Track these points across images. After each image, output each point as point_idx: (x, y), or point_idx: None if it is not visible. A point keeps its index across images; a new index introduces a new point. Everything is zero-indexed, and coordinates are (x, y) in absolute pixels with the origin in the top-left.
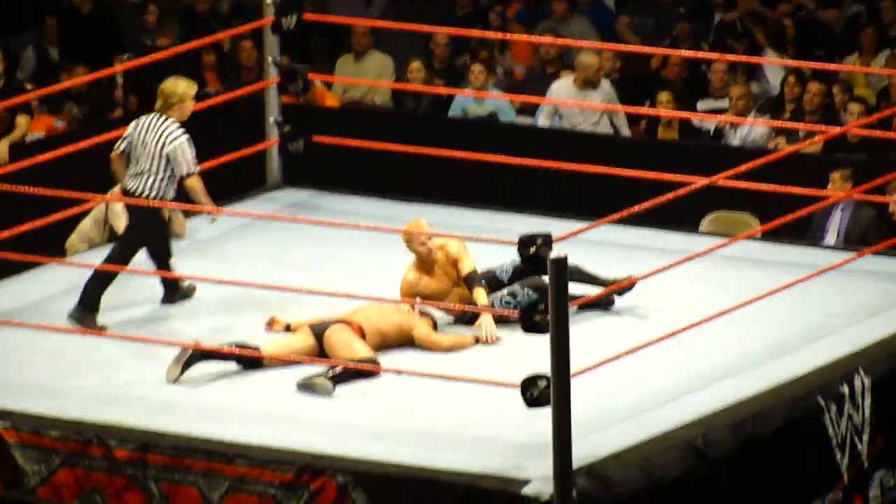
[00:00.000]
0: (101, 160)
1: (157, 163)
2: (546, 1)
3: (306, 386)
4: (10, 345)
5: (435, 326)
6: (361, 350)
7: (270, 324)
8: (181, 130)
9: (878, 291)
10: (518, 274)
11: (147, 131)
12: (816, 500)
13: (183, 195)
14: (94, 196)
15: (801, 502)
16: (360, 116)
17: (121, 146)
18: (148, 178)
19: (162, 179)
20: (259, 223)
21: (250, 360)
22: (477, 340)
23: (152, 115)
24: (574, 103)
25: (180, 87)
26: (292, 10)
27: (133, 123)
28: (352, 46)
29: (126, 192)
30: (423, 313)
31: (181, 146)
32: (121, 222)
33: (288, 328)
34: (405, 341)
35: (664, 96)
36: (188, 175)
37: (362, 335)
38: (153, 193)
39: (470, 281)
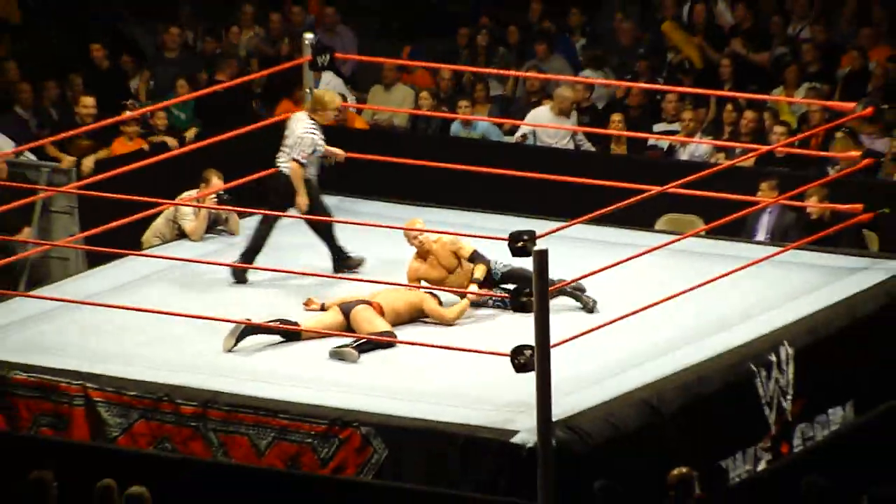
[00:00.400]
0: (165, 173)
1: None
2: (531, 42)
3: (337, 354)
4: (100, 321)
5: (440, 303)
6: (381, 325)
7: (307, 303)
8: (313, 128)
9: (799, 279)
10: (507, 276)
11: (296, 122)
12: (750, 448)
13: (233, 199)
14: (166, 201)
15: (737, 450)
16: (384, 136)
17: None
18: (286, 157)
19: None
20: (299, 222)
21: (290, 334)
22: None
23: (304, 112)
24: (551, 126)
25: (326, 97)
26: (325, 50)
27: (292, 115)
28: (382, 79)
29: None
30: (429, 293)
31: (304, 138)
32: (187, 221)
33: (322, 307)
34: (416, 317)
35: (616, 117)
36: (294, 160)
37: (381, 313)
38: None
39: (473, 259)
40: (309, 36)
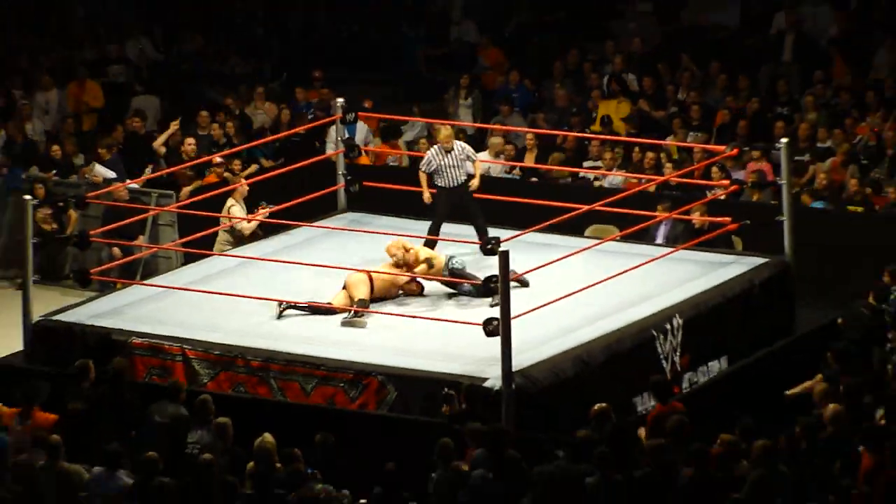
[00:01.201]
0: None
1: None
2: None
3: (348, 324)
4: (193, 301)
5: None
6: (360, 293)
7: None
8: (433, 150)
9: (686, 270)
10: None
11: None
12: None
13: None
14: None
15: (644, 391)
16: (390, 171)
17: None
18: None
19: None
20: (333, 232)
21: (326, 310)
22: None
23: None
24: (502, 162)
25: (442, 132)
26: (352, 110)
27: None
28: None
29: None
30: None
31: (427, 155)
32: (247, 230)
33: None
34: (396, 290)
35: (555, 155)
36: (419, 169)
37: (372, 283)
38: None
39: (429, 261)
40: (340, 100)
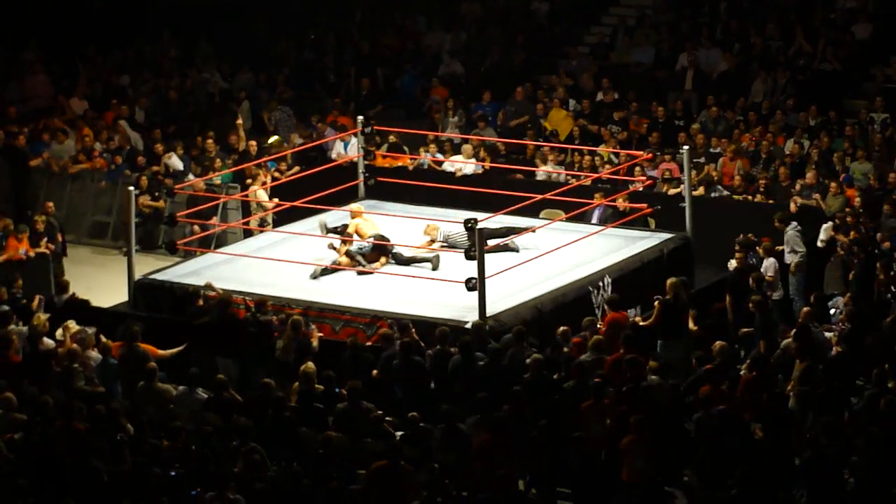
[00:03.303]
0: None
1: None
2: (475, 122)
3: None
4: (252, 265)
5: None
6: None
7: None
8: None
9: (613, 243)
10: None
11: None
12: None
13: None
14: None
15: (579, 331)
16: (397, 170)
17: None
18: None
19: None
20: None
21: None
22: None
23: None
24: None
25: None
26: (370, 123)
27: None
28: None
29: None
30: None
31: None
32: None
33: None
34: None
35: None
36: None
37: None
38: None
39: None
40: (360, 117)
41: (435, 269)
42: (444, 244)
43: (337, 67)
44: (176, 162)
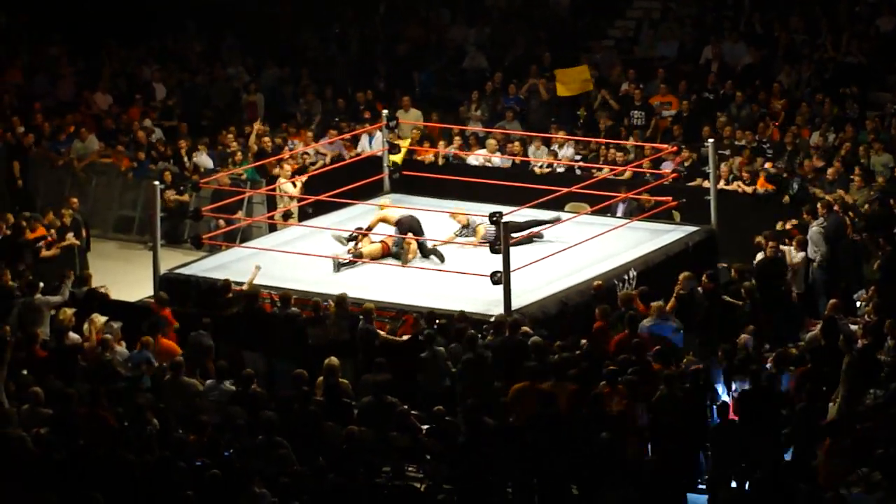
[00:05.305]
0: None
1: None
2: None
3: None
4: (276, 258)
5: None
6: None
7: None
8: None
9: (638, 236)
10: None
11: None
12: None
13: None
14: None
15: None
16: (419, 163)
17: None
18: None
19: None
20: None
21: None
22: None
23: None
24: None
25: None
26: (394, 118)
27: None
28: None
29: None
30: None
31: None
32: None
33: None
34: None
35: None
36: None
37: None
38: None
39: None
40: (385, 112)
41: (442, 261)
42: (478, 237)
43: (360, 62)
44: (205, 160)
